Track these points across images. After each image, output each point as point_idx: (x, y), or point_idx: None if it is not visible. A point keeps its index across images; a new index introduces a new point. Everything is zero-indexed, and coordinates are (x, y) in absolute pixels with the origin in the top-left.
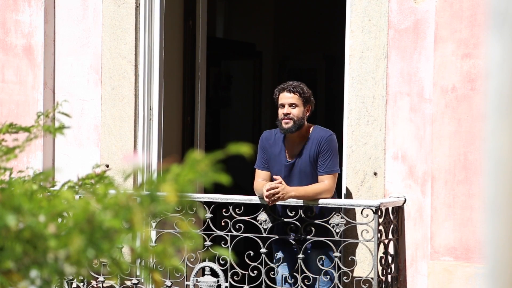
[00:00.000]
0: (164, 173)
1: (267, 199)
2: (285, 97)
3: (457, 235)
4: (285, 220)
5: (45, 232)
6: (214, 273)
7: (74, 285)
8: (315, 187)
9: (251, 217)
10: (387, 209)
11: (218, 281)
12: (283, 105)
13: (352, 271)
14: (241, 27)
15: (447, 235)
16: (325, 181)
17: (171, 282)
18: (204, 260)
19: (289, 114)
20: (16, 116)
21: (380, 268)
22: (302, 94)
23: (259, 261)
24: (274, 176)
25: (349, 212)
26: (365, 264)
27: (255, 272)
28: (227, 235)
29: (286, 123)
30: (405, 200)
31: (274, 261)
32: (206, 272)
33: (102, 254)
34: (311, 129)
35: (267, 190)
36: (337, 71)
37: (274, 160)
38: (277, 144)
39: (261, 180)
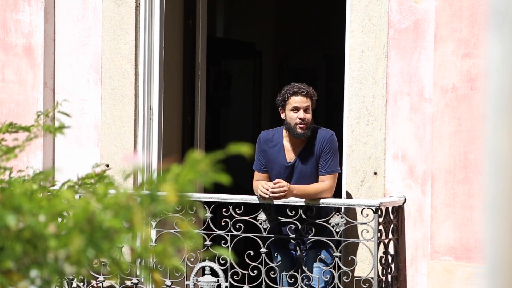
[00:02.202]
0: (164, 173)
1: (263, 196)
2: (300, 101)
3: (457, 235)
4: (284, 219)
5: (45, 232)
6: (214, 273)
7: (74, 284)
8: (316, 187)
9: (251, 216)
10: (387, 209)
11: (218, 280)
12: (297, 109)
13: (352, 271)
14: (241, 26)
15: (447, 235)
16: (326, 181)
17: (171, 281)
18: (204, 260)
19: (305, 119)
20: (16, 116)
21: (380, 268)
22: (313, 98)
23: (259, 260)
24: (277, 180)
25: (349, 212)
26: (365, 263)
27: (255, 271)
28: (227, 235)
29: (302, 128)
30: (405, 199)
31: (274, 261)
32: (206, 272)
33: (102, 254)
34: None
35: (272, 188)
36: (337, 71)
37: (274, 162)
38: (276, 145)
39: (258, 181)
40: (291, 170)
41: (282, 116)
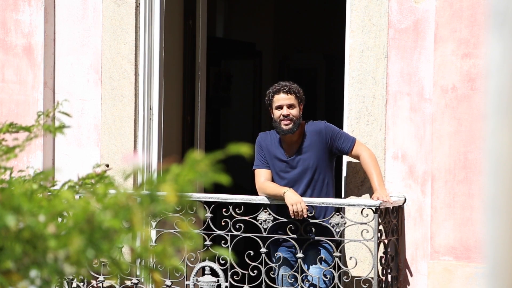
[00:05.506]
0: (164, 173)
1: (295, 214)
2: (282, 99)
3: (457, 235)
4: (285, 220)
5: (45, 232)
6: (214, 273)
7: (74, 285)
8: (373, 162)
9: (251, 216)
10: (387, 209)
11: (218, 280)
12: (280, 107)
13: (352, 271)
14: (241, 26)
15: (447, 235)
16: (362, 152)
17: (171, 281)
18: (204, 260)
19: (289, 115)
20: (16, 116)
21: (380, 268)
22: (297, 94)
23: (259, 260)
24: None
25: (349, 212)
26: (365, 264)
27: (255, 271)
28: (227, 235)
29: (287, 124)
30: (405, 199)
31: (274, 260)
32: (206, 272)
33: (102, 254)
34: (304, 125)
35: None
36: (337, 71)
37: (274, 159)
38: (273, 144)
39: (264, 179)
40: (292, 165)
41: (272, 115)
